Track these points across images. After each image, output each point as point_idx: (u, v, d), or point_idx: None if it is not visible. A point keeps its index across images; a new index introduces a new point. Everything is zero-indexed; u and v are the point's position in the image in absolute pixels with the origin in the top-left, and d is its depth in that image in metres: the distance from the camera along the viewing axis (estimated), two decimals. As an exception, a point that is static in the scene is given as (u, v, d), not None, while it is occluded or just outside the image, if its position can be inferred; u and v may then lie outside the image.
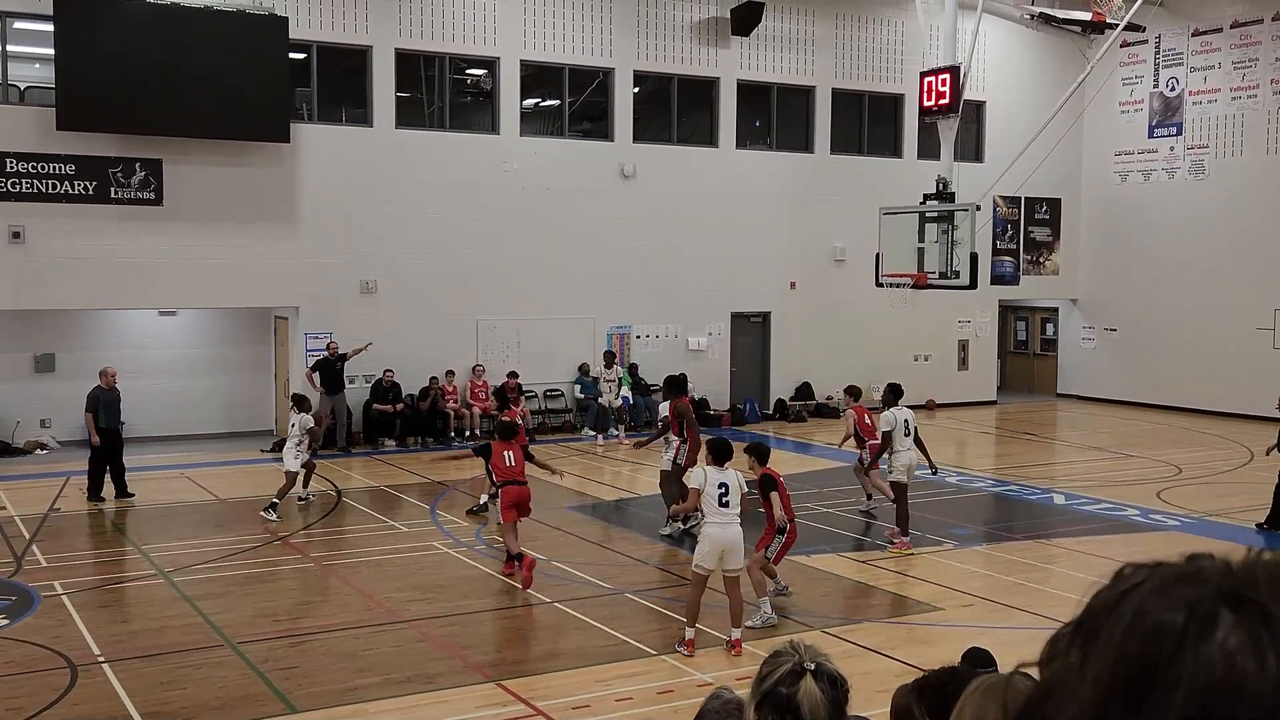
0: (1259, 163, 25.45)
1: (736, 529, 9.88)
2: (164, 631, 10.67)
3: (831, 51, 25.98)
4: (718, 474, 9.92)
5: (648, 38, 24.08)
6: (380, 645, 10.22)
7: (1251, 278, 25.40)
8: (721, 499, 9.80)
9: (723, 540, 9.80)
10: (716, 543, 9.83)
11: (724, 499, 9.80)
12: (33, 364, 20.82)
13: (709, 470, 10.00)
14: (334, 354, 20.76)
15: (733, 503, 9.84)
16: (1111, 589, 0.89)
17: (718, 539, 9.82)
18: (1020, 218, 28.56)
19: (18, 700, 8.89)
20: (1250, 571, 0.85)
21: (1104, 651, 0.84)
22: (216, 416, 22.06)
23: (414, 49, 22.12)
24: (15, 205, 19.22)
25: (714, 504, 9.81)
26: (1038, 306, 30.64)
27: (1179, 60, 26.98)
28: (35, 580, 12.26)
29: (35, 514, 15.48)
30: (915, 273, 18.05)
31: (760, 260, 25.14)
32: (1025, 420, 26.26)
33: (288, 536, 14.52)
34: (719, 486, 9.82)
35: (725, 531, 9.81)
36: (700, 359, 24.78)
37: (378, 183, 21.63)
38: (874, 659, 9.79)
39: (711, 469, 10.00)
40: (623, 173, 23.80)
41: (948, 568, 13.07)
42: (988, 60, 26.82)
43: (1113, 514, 15.92)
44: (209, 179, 20.44)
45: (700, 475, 10.01)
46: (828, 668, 2.84)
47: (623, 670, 9.68)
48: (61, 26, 18.87)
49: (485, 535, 14.32)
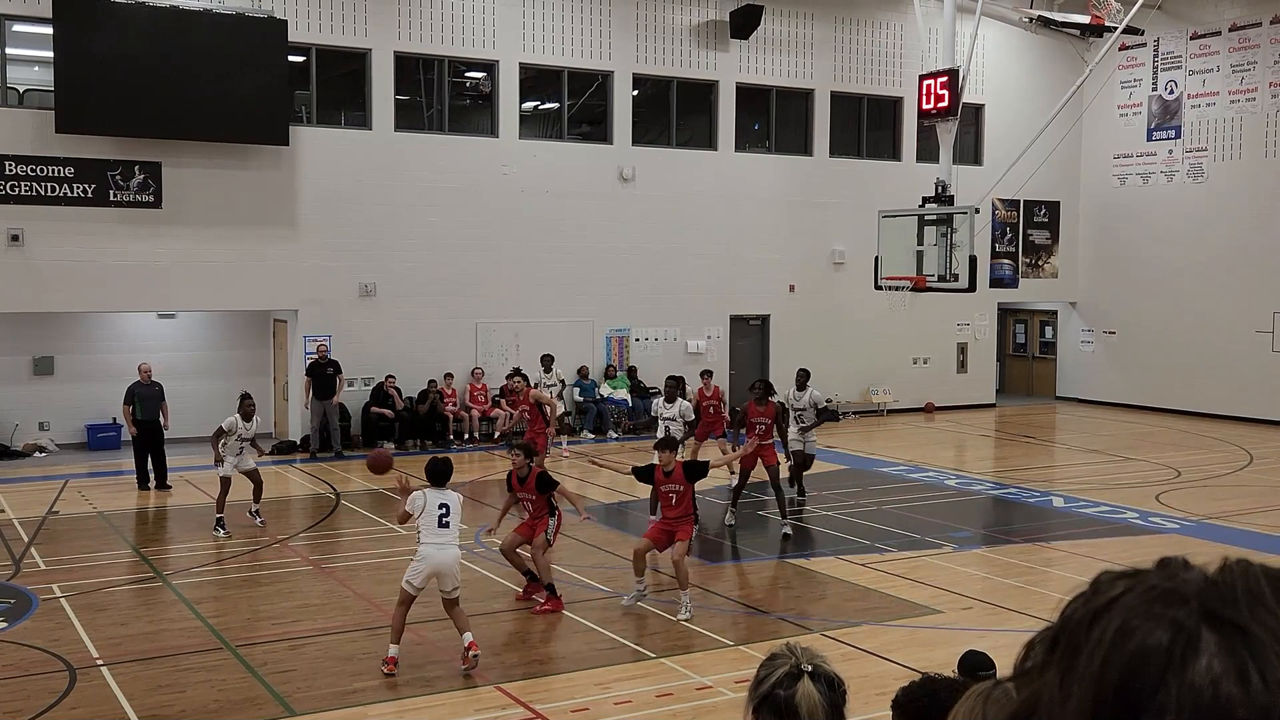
0: (1257, 166, 25.46)
1: (453, 551, 9.68)
2: (162, 634, 10.66)
3: (830, 55, 26.00)
4: (438, 495, 9.69)
5: (647, 41, 24.09)
6: (379, 648, 10.20)
7: (1250, 281, 25.41)
8: (442, 519, 9.59)
9: (438, 561, 9.58)
10: (432, 564, 9.58)
11: (444, 519, 9.60)
12: (31, 367, 20.82)
13: (429, 492, 9.70)
14: (323, 357, 20.76)
15: (453, 524, 9.62)
16: (1089, 600, 0.87)
17: (433, 559, 9.57)
18: (1019, 221, 28.57)
19: (16, 704, 8.88)
20: (1230, 587, 0.84)
21: (1086, 676, 0.83)
22: (215, 419, 21.89)
23: (413, 52, 22.13)
24: (14, 208, 19.22)
25: (433, 524, 9.59)
26: (1037, 309, 30.64)
27: (1177, 63, 27.00)
28: (33, 583, 12.25)
29: (34, 517, 15.47)
30: (914, 276, 18.05)
31: (759, 263, 25.15)
32: (1024, 423, 26.26)
33: (286, 540, 14.51)
34: (440, 507, 9.61)
35: (442, 553, 9.59)
36: (699, 362, 24.76)
37: (377, 186, 21.64)
38: (873, 661, 9.78)
39: (432, 490, 9.74)
40: (622, 176, 23.81)
41: (947, 570, 13.06)
42: (986, 63, 26.85)
43: (1112, 517, 15.92)
44: (208, 182, 20.44)
45: (421, 497, 9.64)
46: (825, 670, 2.83)
47: (622, 673, 9.68)
48: (60, 29, 18.88)
49: (485, 539, 14.31)
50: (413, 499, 9.63)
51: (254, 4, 20.47)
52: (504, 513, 12.12)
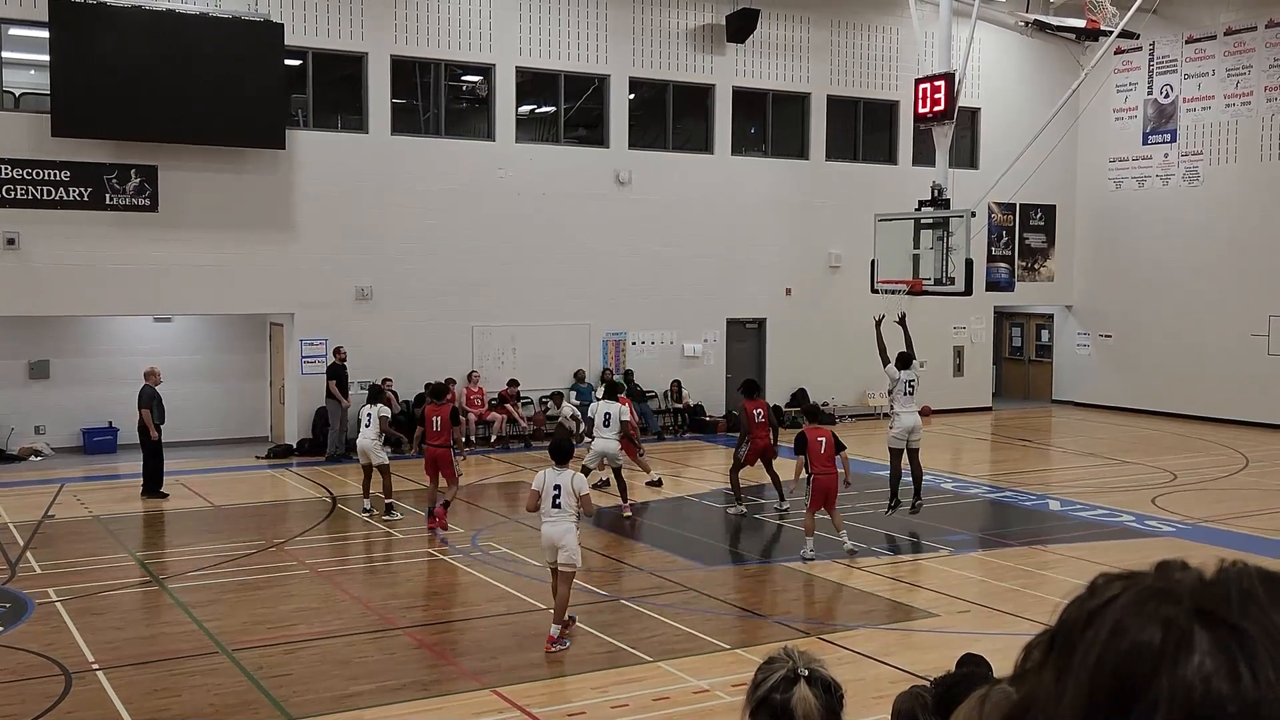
0: (1253, 169, 25.51)
1: (563, 525, 10.36)
2: (158, 639, 10.65)
3: (826, 58, 26.03)
4: (555, 475, 10.48)
5: (643, 44, 24.11)
6: (376, 652, 10.21)
7: (1245, 284, 25.45)
8: (555, 500, 10.36)
9: (550, 535, 10.37)
10: (545, 538, 10.43)
11: (556, 500, 10.37)
12: (27, 371, 20.80)
13: (548, 472, 10.57)
14: (341, 360, 20.77)
15: (565, 503, 10.34)
16: (1086, 601, 0.88)
17: (546, 534, 10.42)
18: (1015, 224, 28.60)
19: (12, 708, 8.86)
20: (1224, 586, 0.85)
21: (1080, 673, 0.84)
22: (212, 423, 22.02)
23: (410, 55, 22.13)
24: (10, 212, 19.20)
25: (549, 504, 10.38)
26: (1033, 313, 30.68)
27: (1173, 67, 27.05)
28: (29, 587, 12.23)
29: (29, 521, 15.45)
30: (910, 279, 18.05)
31: (756, 266, 25.17)
32: (1020, 426, 26.28)
33: (283, 543, 14.50)
34: (554, 488, 10.39)
35: (553, 528, 10.36)
36: (696, 365, 24.80)
37: (373, 189, 21.64)
38: (869, 665, 9.78)
39: (551, 470, 10.57)
40: (618, 179, 23.82)
41: (943, 573, 13.07)
42: (983, 67, 26.88)
43: (1108, 520, 15.93)
44: (204, 185, 20.42)
45: (541, 477, 10.59)
46: (822, 674, 2.84)
47: (619, 677, 9.67)
48: (57, 33, 18.87)
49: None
50: (536, 479, 10.62)
51: (250, 7, 20.46)
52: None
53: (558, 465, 10.55)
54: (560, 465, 10.54)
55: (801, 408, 16.22)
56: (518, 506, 17.29)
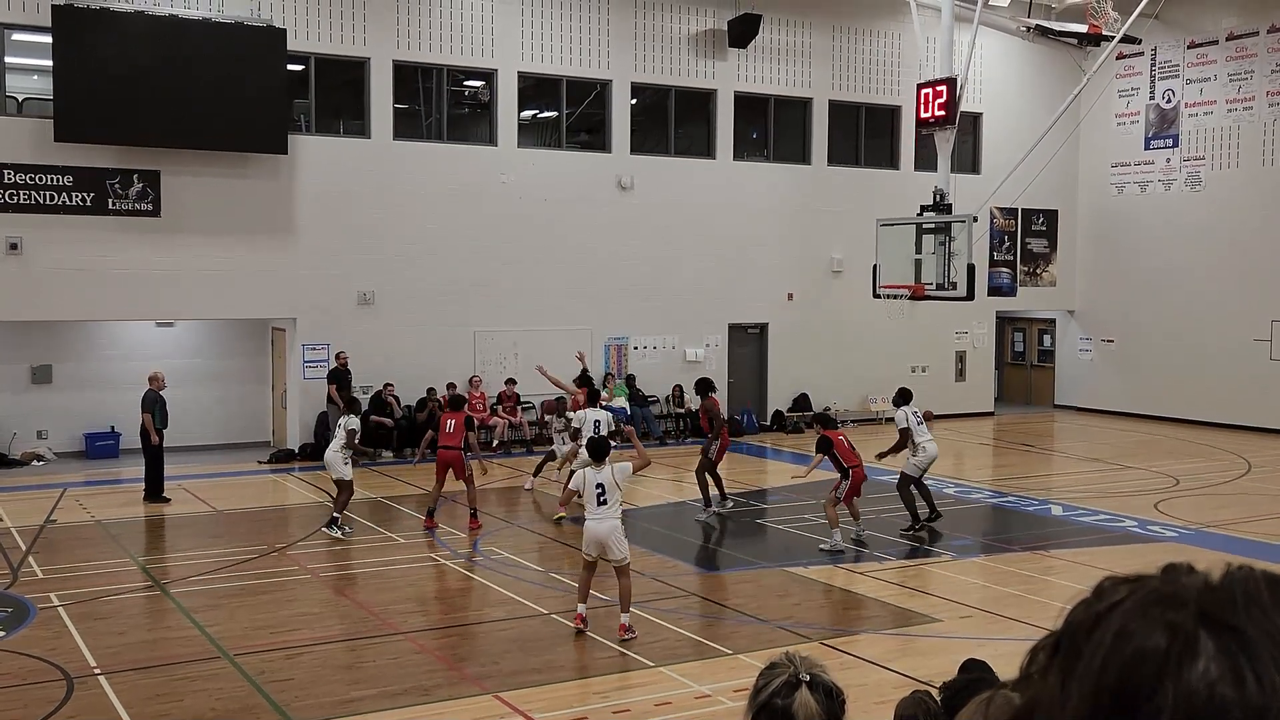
0: (1255, 174, 25.50)
1: (610, 524, 10.63)
2: (160, 644, 10.65)
3: (828, 63, 26.04)
4: (595, 474, 10.72)
5: (645, 50, 24.13)
6: (377, 657, 10.20)
7: (1248, 289, 25.43)
8: (600, 497, 10.63)
9: (595, 533, 10.65)
10: (590, 535, 10.70)
11: (601, 497, 10.63)
12: (29, 375, 20.81)
13: (588, 471, 10.84)
14: (343, 364, 20.76)
15: (610, 499, 10.61)
16: (1091, 605, 0.88)
17: (591, 531, 10.68)
18: (1017, 229, 28.60)
19: (13, 713, 8.86)
20: (1229, 591, 0.85)
21: (1084, 678, 0.84)
22: (213, 428, 22.04)
23: (412, 60, 22.16)
24: (13, 217, 19.22)
25: (593, 502, 10.65)
26: (1035, 318, 30.67)
27: (1175, 72, 27.06)
28: (31, 592, 12.23)
29: (32, 525, 15.45)
30: (913, 284, 18.06)
31: (758, 271, 25.17)
32: (1023, 431, 26.26)
33: (285, 548, 14.49)
34: (597, 486, 10.64)
35: (599, 525, 10.63)
36: (697, 370, 24.76)
37: (375, 194, 21.65)
38: (871, 670, 9.77)
39: (592, 469, 10.84)
40: (620, 184, 23.83)
41: (946, 579, 13.06)
42: (984, 72, 26.89)
43: (1110, 525, 15.91)
44: (206, 190, 20.45)
45: (580, 475, 10.95)
46: (823, 679, 2.83)
47: (620, 682, 9.66)
48: (59, 38, 18.90)
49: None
50: (575, 478, 11.02)
51: (253, 13, 20.50)
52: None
53: (596, 464, 10.80)
54: (599, 463, 10.78)
55: (816, 415, 16.66)
56: (519, 512, 17.30)
